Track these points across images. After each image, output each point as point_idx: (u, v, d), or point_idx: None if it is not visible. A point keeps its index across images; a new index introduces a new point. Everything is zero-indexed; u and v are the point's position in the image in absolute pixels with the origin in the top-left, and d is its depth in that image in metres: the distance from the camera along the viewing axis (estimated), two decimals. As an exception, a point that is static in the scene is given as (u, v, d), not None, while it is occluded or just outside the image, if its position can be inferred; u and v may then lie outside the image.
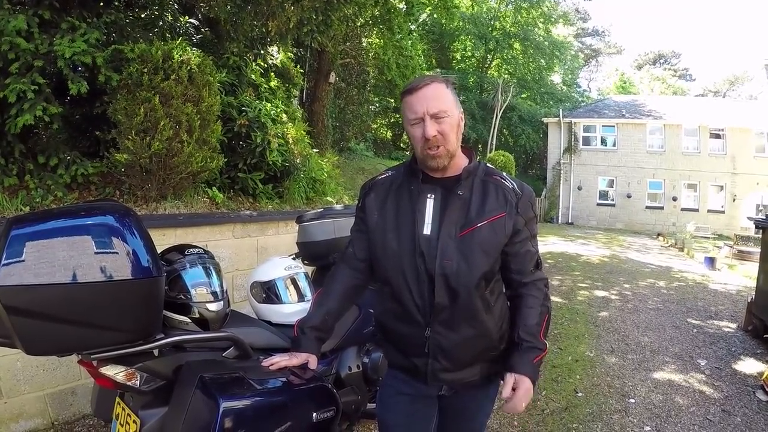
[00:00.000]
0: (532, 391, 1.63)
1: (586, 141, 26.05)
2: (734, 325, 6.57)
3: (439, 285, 1.62)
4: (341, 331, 2.66)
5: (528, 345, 1.66)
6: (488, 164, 1.80)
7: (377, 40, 15.23)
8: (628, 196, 24.95)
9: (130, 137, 3.96)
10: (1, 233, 1.47)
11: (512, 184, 1.72)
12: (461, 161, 1.73)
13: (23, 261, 1.41)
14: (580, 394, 4.17)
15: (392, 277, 1.70)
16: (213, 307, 2.04)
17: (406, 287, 1.67)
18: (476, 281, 1.63)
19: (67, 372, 3.31)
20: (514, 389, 1.60)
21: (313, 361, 1.84)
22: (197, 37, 6.10)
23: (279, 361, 1.82)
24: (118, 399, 2.01)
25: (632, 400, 4.10)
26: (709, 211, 23.76)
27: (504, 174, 1.76)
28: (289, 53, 7.56)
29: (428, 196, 1.68)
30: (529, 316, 1.70)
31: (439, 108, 1.59)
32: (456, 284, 1.62)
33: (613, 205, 25.51)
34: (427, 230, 1.64)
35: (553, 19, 32.06)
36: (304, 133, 6.31)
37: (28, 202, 3.71)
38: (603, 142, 26.00)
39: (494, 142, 26.79)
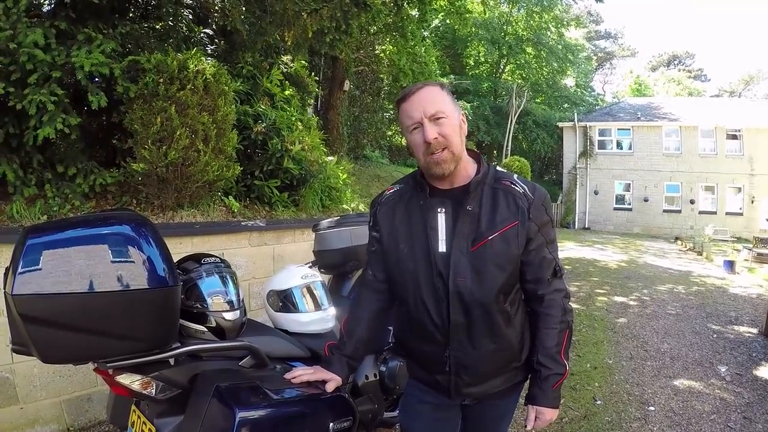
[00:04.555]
0: (555, 416, 1.69)
1: (602, 145, 25.74)
2: (755, 330, 6.46)
3: (454, 303, 1.57)
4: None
5: (547, 372, 1.65)
6: (498, 167, 1.72)
7: (391, 48, 15.24)
8: (645, 200, 24.59)
9: (146, 147, 3.99)
10: (18, 242, 1.48)
11: (523, 188, 1.63)
12: (469, 168, 1.66)
13: (40, 270, 1.42)
14: (599, 402, 4.12)
15: (409, 297, 1.66)
16: (229, 316, 2.03)
17: (424, 307, 1.62)
18: (493, 296, 1.57)
19: (83, 378, 3.33)
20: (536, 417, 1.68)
21: (334, 384, 1.82)
22: (211, 47, 6.15)
23: (302, 374, 1.82)
24: (133, 407, 2.01)
25: (652, 408, 4.03)
26: (727, 213, 23.36)
27: (515, 177, 1.68)
28: (304, 62, 7.57)
29: (438, 210, 1.61)
30: (548, 338, 1.66)
31: (437, 109, 1.53)
32: (471, 301, 1.57)
33: (630, 210, 25.16)
34: (442, 247, 1.59)
35: (565, 23, 31.88)
36: (320, 141, 6.32)
37: (45, 210, 3.74)
38: (619, 145, 25.66)
39: (509, 147, 26.69)
